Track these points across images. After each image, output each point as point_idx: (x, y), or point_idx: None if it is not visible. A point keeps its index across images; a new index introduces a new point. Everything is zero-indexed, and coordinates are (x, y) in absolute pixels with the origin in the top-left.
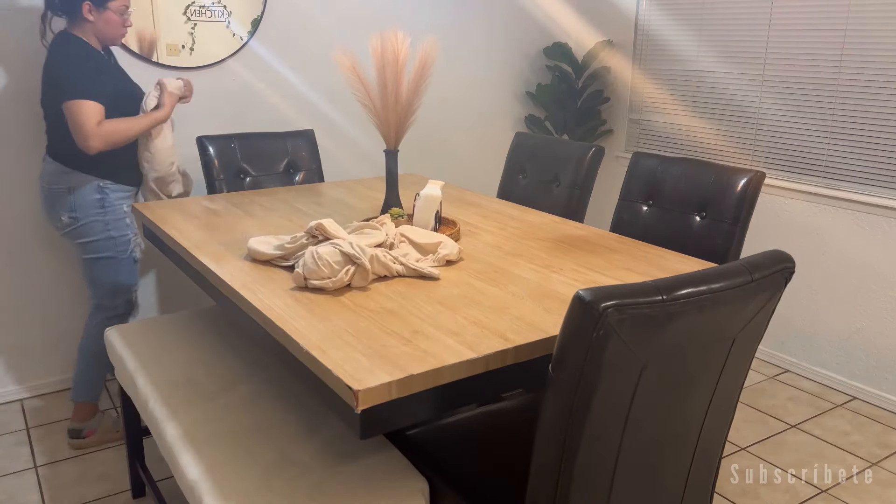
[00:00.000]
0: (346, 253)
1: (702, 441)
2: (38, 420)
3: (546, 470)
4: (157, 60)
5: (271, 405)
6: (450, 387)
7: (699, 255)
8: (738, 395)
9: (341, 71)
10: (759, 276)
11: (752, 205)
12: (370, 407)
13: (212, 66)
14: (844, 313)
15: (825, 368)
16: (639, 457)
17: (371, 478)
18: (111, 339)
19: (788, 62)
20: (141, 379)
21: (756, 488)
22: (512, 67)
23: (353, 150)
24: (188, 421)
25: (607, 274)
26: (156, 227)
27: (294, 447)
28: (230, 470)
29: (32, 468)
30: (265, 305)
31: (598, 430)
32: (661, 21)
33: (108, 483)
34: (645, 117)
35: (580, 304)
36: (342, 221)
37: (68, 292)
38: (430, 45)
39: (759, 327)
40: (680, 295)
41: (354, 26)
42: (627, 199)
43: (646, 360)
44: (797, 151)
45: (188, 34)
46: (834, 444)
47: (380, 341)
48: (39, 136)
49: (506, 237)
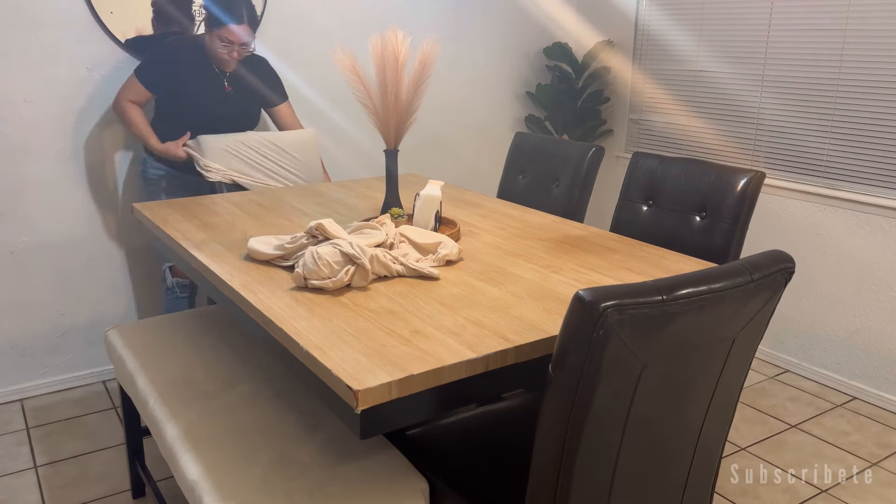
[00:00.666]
0: (346, 253)
1: (702, 441)
2: (38, 420)
3: (546, 470)
4: None
5: (271, 405)
6: (450, 387)
7: (699, 255)
8: (738, 395)
9: (341, 71)
10: (759, 276)
11: (752, 205)
12: (370, 407)
13: None
14: (844, 313)
15: (825, 368)
16: (639, 457)
17: (371, 478)
18: (111, 340)
19: (788, 62)
20: (141, 379)
21: (756, 488)
22: (512, 67)
23: (353, 150)
24: (188, 421)
25: (607, 274)
26: (155, 227)
27: (294, 447)
28: (230, 470)
29: (32, 468)
30: (265, 305)
31: (598, 430)
32: (661, 21)
33: (107, 483)
34: (645, 117)
35: (580, 304)
36: (342, 221)
37: (68, 292)
38: (430, 46)
39: (759, 327)
40: (680, 295)
41: (354, 26)
42: (627, 199)
43: (646, 360)
44: (797, 151)
45: None
46: (834, 444)
47: (380, 341)
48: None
49: (506, 237)
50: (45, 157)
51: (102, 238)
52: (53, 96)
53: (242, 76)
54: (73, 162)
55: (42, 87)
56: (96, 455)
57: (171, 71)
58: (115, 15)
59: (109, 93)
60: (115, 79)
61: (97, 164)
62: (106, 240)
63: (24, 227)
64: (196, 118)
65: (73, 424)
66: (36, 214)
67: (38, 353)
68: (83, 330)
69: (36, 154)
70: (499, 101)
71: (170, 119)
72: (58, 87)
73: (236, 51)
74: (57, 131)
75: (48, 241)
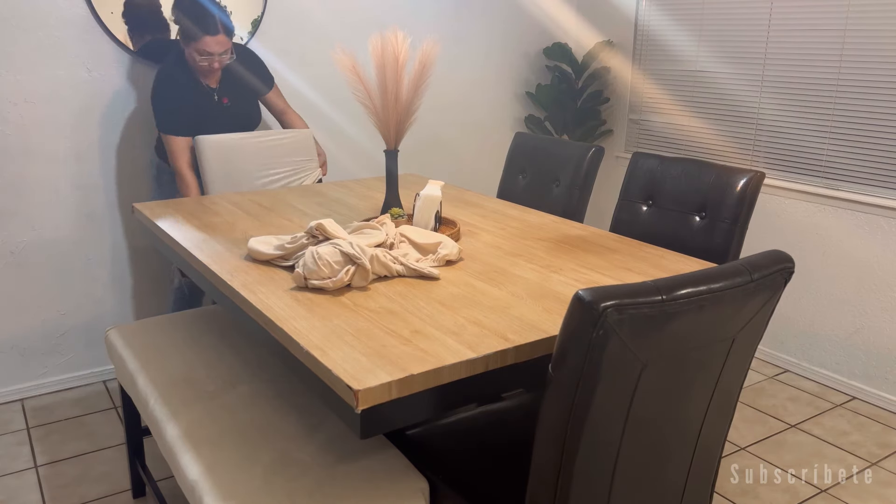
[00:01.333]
0: (347, 253)
1: (701, 441)
2: (38, 420)
3: (546, 470)
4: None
5: (271, 405)
6: (450, 387)
7: (699, 255)
8: (737, 395)
9: (341, 71)
10: (758, 276)
11: (752, 205)
12: (370, 407)
13: None
14: (844, 313)
15: (825, 368)
16: (639, 457)
17: (371, 478)
18: (111, 340)
19: (788, 62)
20: (141, 379)
21: (756, 488)
22: (511, 67)
23: (353, 150)
24: (188, 421)
25: (607, 274)
26: (155, 226)
27: (294, 447)
28: (230, 470)
29: (33, 468)
30: (265, 305)
31: (597, 429)
32: (661, 21)
33: (108, 483)
34: (645, 117)
35: (580, 304)
36: (342, 221)
37: (69, 292)
38: (431, 46)
39: (758, 327)
40: (680, 295)
41: (354, 26)
42: (627, 199)
43: (646, 360)
44: (797, 151)
45: None
46: (834, 444)
47: (380, 341)
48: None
49: (506, 237)
50: (46, 157)
51: (103, 238)
52: (54, 96)
53: (233, 82)
54: (73, 162)
55: (42, 87)
56: (97, 455)
57: (175, 105)
58: (116, 15)
59: (109, 93)
60: (116, 79)
61: (97, 164)
62: (106, 240)
63: (25, 227)
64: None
65: (74, 424)
66: (36, 214)
67: (39, 353)
68: (83, 330)
69: (36, 154)
70: (499, 102)
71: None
72: (58, 88)
73: (217, 61)
74: (57, 131)
75: (49, 240)
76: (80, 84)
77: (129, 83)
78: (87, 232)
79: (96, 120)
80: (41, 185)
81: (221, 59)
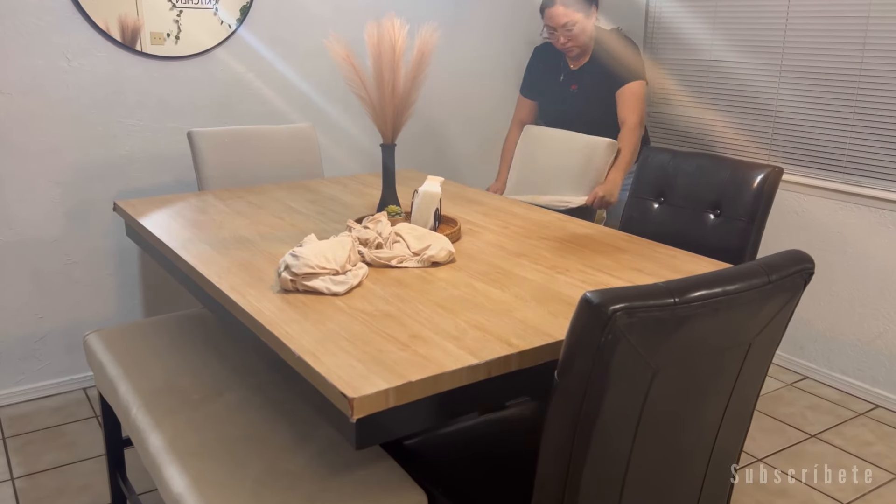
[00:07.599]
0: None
1: (716, 451)
2: (15, 430)
3: (551, 482)
4: (140, 49)
5: (261, 414)
6: (450, 394)
7: (713, 255)
8: (754, 403)
9: (335, 60)
10: (776, 277)
11: (770, 202)
12: (366, 416)
13: (198, 55)
14: (867, 316)
15: (846, 375)
16: (649, 468)
17: (367, 490)
18: (90, 344)
19: (808, 51)
20: (122, 386)
21: (774, 501)
22: (514, 57)
23: (348, 145)
24: (173, 431)
25: (616, 275)
26: (138, 224)
27: (285, 458)
28: (217, 482)
29: (9, 480)
30: (255, 308)
31: (606, 439)
32: (673, 8)
33: (87, 496)
34: (656, 110)
35: (588, 306)
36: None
37: (47, 294)
38: (429, 34)
39: (776, 331)
40: (693, 297)
41: (349, 14)
42: (637, 196)
43: (657, 366)
44: (817, 145)
45: (173, 22)
46: (856, 455)
47: (376, 346)
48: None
49: (509, 236)
50: (23, 151)
51: (83, 237)
52: (31, 87)
53: (590, 71)
54: (51, 157)
55: (19, 77)
56: (76, 466)
57: (532, 73)
58: (97, 1)
59: (91, 84)
60: (98, 69)
61: (77, 159)
62: (86, 239)
63: (0, 225)
64: (547, 118)
65: (52, 434)
66: (13, 212)
67: (15, 359)
68: (62, 334)
69: (13, 148)
70: (502, 93)
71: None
72: (36, 78)
73: (562, 36)
74: (35, 124)
75: (25, 239)
76: (60, 74)
77: (111, 73)
78: (67, 230)
79: (76, 112)
80: (17, 181)
81: (565, 33)
